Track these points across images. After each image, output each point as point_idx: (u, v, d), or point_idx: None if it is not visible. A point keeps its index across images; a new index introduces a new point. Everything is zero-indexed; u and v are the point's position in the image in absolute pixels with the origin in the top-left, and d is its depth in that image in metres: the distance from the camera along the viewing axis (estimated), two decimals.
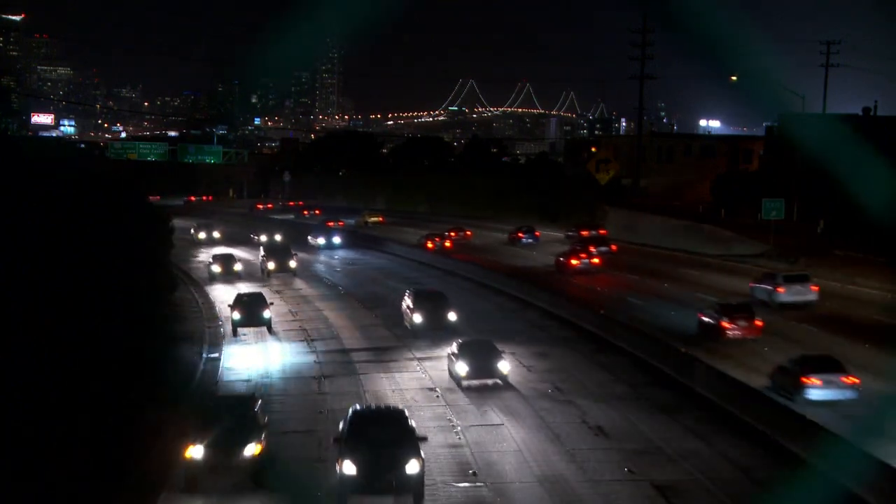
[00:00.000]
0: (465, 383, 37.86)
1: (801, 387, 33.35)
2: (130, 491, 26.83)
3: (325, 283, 68.51)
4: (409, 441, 25.49)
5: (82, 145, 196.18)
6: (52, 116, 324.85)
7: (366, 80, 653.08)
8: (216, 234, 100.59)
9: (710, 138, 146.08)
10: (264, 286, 63.35)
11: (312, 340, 48.39)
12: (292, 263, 69.70)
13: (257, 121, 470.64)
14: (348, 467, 24.80)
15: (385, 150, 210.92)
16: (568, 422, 33.12)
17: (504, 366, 38.47)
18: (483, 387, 37.64)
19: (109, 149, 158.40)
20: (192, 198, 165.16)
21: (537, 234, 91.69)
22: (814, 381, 33.15)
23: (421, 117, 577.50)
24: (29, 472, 26.16)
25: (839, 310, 51.01)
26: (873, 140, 64.78)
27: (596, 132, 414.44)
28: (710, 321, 45.46)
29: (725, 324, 44.34)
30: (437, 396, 36.93)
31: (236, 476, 27.09)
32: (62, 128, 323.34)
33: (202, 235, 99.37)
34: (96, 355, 33.08)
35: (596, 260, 69.16)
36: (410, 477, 24.80)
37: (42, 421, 28.27)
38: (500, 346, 39.81)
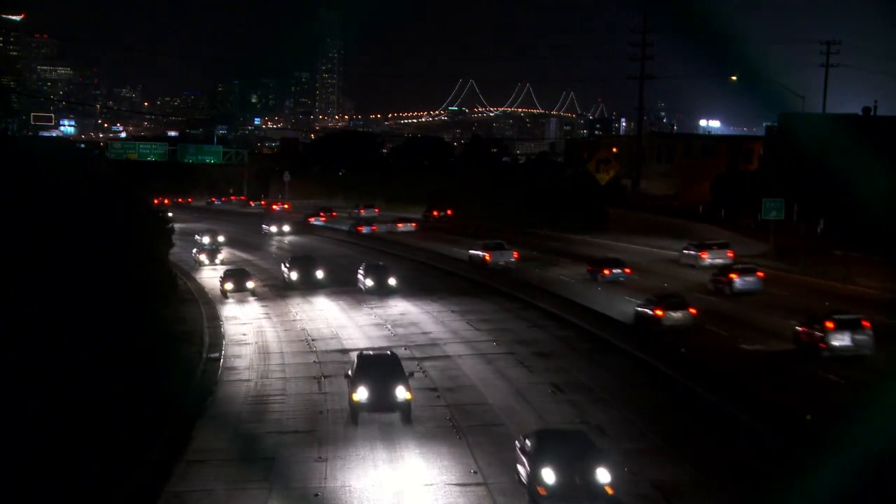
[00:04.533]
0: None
1: (603, 276, 62.64)
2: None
3: None
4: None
5: (82, 145, 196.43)
6: (52, 116, 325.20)
7: (366, 80, 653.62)
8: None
9: (710, 138, 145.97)
10: None
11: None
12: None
13: (257, 121, 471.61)
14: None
15: (385, 150, 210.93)
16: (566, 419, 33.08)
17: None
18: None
19: (109, 149, 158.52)
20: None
21: (334, 214, 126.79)
22: (606, 272, 62.85)
23: (421, 117, 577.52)
24: (32, 470, 26.17)
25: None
26: (873, 140, 64.81)
27: (596, 132, 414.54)
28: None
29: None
30: (437, 396, 36.97)
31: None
32: (62, 128, 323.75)
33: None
34: (96, 355, 33.09)
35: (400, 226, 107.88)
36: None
37: (42, 421, 28.27)
38: None
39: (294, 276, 65.58)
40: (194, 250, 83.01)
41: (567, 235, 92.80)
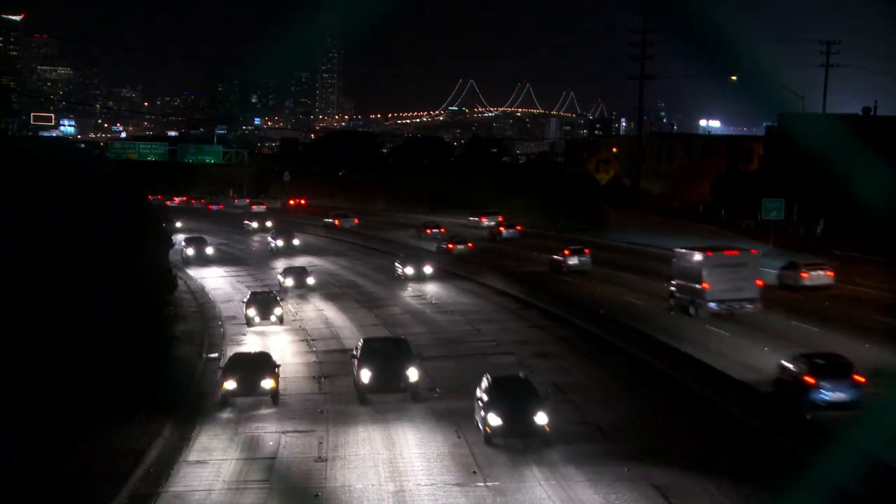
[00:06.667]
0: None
1: (425, 234, 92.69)
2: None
3: None
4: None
5: (82, 145, 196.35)
6: (52, 116, 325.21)
7: (366, 80, 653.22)
8: None
9: (710, 138, 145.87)
10: None
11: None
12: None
13: (257, 121, 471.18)
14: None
15: (385, 150, 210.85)
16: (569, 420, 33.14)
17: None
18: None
19: (109, 149, 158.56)
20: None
21: (193, 202, 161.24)
22: (427, 231, 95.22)
23: (421, 117, 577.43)
24: (32, 470, 26.17)
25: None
26: (873, 140, 64.85)
27: (596, 132, 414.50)
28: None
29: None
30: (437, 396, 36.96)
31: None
32: (62, 128, 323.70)
33: None
34: (95, 355, 33.08)
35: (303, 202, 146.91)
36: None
37: (42, 421, 28.27)
38: None
39: (366, 376, 36.61)
40: (244, 299, 56.06)
41: (409, 214, 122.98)
